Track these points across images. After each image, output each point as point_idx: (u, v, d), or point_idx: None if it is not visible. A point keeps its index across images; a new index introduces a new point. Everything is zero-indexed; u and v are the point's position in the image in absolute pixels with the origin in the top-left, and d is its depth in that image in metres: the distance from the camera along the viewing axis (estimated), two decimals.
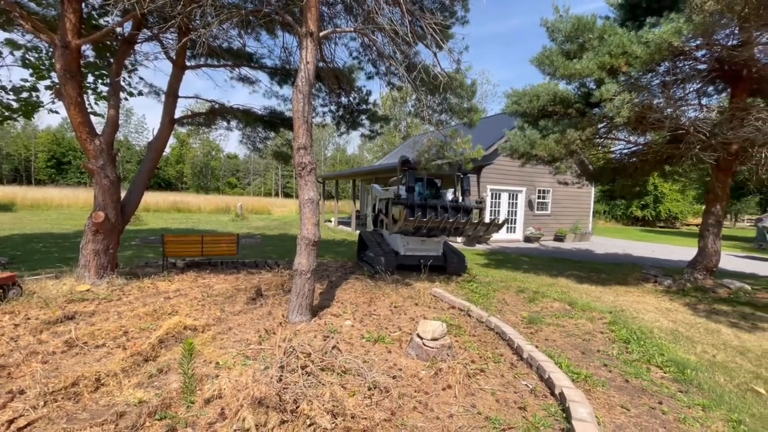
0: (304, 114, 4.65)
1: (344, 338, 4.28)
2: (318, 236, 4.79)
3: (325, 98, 8.58)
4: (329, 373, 3.31)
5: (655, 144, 8.81)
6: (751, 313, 6.47)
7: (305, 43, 4.65)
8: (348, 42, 7.74)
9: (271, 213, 30.57)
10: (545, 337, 4.84)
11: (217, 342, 4.06)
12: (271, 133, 9.22)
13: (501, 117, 18.63)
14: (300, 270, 4.70)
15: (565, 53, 8.12)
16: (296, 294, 4.71)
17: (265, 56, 8.14)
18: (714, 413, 3.14)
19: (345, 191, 51.08)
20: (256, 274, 7.36)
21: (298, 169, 4.76)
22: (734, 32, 6.76)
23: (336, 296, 6.03)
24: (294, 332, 4.33)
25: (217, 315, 4.91)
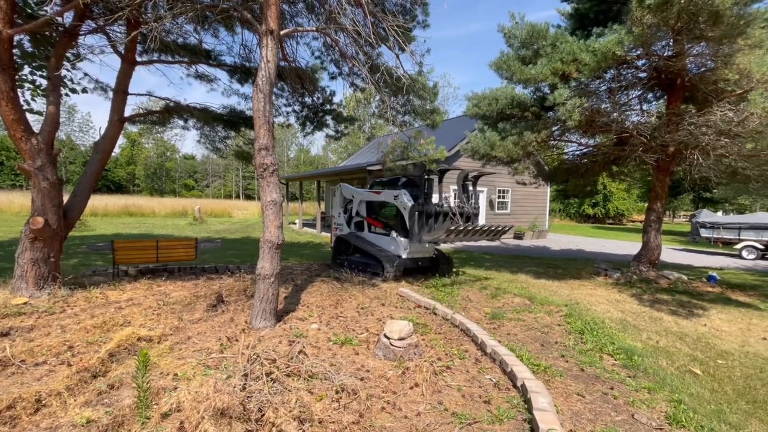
0: (265, 114, 4.53)
1: (311, 342, 4.21)
2: (282, 239, 4.68)
3: (288, 98, 8.41)
4: (295, 378, 3.24)
5: (604, 146, 9.42)
6: (687, 301, 7.08)
7: (265, 42, 4.53)
8: (310, 41, 7.64)
9: (231, 216, 29.51)
10: (507, 332, 5.02)
11: (175, 352, 3.86)
12: (231, 132, 8.90)
13: (462, 119, 19.15)
14: (263, 274, 4.57)
15: (521, 59, 8.49)
16: (260, 299, 4.58)
17: (224, 53, 7.88)
18: (658, 395, 3.40)
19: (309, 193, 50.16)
20: (217, 279, 7.08)
21: (259, 171, 4.63)
22: (669, 44, 7.36)
23: (302, 300, 5.92)
24: (258, 338, 4.20)
25: (175, 324, 4.66)
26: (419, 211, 7.06)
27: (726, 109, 6.79)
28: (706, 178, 8.75)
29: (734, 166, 7.68)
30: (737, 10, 5.67)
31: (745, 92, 6.55)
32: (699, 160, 7.63)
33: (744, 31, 5.96)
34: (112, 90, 6.86)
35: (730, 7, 5.56)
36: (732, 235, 15.04)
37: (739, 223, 15.01)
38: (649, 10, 6.02)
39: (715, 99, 7.30)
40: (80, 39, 6.48)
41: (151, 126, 8.82)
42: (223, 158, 21.43)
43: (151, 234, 15.43)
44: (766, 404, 3.39)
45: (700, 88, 7.80)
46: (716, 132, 6.85)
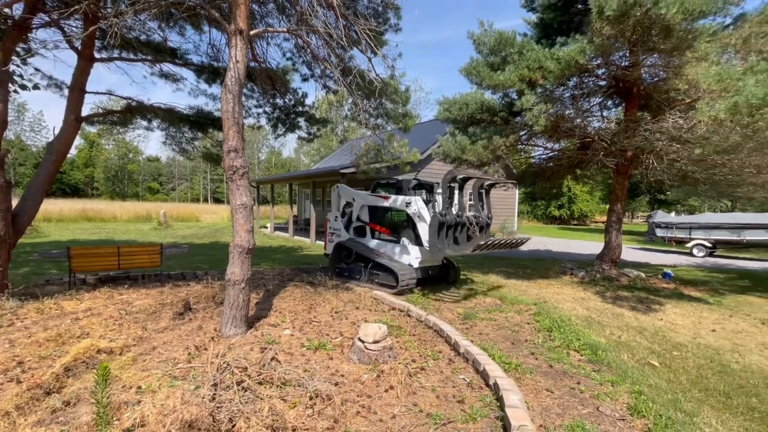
0: (234, 115, 4.42)
1: (283, 348, 4.12)
2: (252, 243, 4.57)
3: (259, 99, 8.23)
4: (268, 386, 3.17)
5: (568, 150, 9.84)
6: (646, 297, 7.49)
7: (235, 41, 4.43)
8: (281, 42, 7.53)
9: (199, 220, 28.50)
10: (479, 332, 5.12)
11: (139, 364, 3.67)
12: (199, 133, 8.60)
13: (434, 123, 19.45)
14: (233, 280, 4.44)
15: (490, 65, 8.73)
16: (229, 305, 4.44)
17: (190, 52, 7.61)
18: (621, 387, 3.57)
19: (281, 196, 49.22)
20: (184, 286, 6.81)
21: (229, 173, 4.50)
22: (626, 55, 7.80)
23: (274, 305, 5.79)
24: (228, 346, 4.07)
25: (138, 334, 4.44)
26: (441, 222, 6.34)
27: (677, 117, 7.27)
28: (661, 181, 9.33)
29: (685, 170, 8.22)
30: (686, 25, 6.09)
31: (694, 101, 7.04)
32: (654, 164, 8.12)
33: (692, 44, 6.40)
34: (68, 87, 6.48)
35: (680, 22, 5.96)
36: (684, 234, 16.08)
37: (689, 223, 16.08)
38: (608, 22, 6.36)
39: (667, 107, 7.80)
40: (32, 33, 6.08)
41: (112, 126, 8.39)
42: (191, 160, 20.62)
43: (112, 240, 14.65)
44: (716, 392, 3.63)
45: (654, 97, 8.31)
46: (669, 138, 7.31)
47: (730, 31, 7.24)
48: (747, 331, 5.65)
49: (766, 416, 3.20)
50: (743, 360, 4.50)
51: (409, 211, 6.81)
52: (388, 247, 7.43)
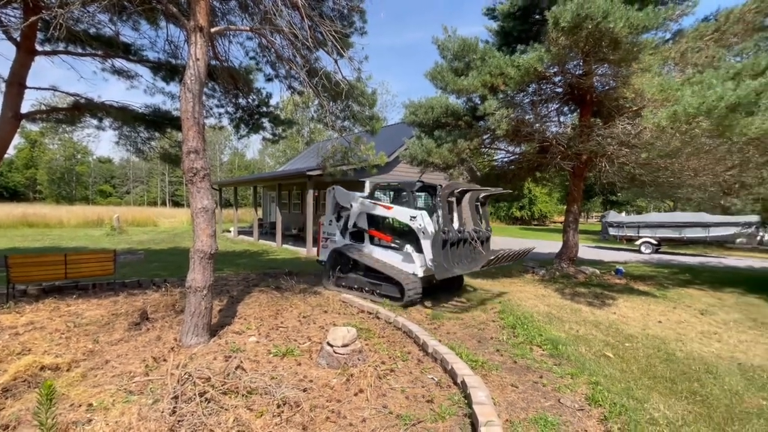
0: (194, 114, 4.25)
1: (249, 356, 3.99)
2: (215, 248, 4.40)
3: (221, 98, 7.95)
4: (233, 396, 3.05)
5: (528, 154, 10.27)
6: (601, 292, 7.94)
7: (194, 38, 4.26)
8: (244, 41, 7.32)
9: (157, 225, 27.06)
10: (447, 331, 5.21)
11: (90, 380, 3.42)
12: (156, 133, 8.18)
13: (401, 126, 19.63)
14: (194, 287, 4.25)
15: (454, 70, 8.96)
16: (191, 313, 4.25)
17: (146, 48, 7.21)
18: (579, 379, 3.75)
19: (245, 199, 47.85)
20: (140, 295, 6.43)
21: (189, 175, 4.31)
22: (580, 64, 8.27)
23: (238, 312, 5.60)
24: (190, 356, 3.89)
25: (89, 348, 4.14)
26: (444, 239, 5.98)
27: (625, 123, 7.79)
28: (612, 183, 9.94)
29: (633, 173, 8.82)
30: (631, 38, 6.55)
31: (640, 109, 7.57)
32: (606, 167, 8.64)
33: (637, 56, 6.89)
34: (5, 81, 5.96)
35: (626, 36, 6.40)
36: (633, 233, 17.24)
37: (638, 223, 17.27)
38: (563, 33, 6.71)
39: (617, 114, 8.34)
40: None
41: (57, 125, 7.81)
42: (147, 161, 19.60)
43: (59, 247, 13.58)
44: (663, 379, 3.91)
45: (606, 104, 8.86)
46: (618, 143, 7.82)
47: (670, 45, 7.88)
48: (688, 321, 6.13)
49: (706, 399, 3.49)
50: (686, 348, 4.87)
51: (414, 225, 6.28)
52: (391, 255, 6.81)
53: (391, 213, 6.74)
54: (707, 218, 15.49)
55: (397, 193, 7.50)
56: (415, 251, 6.50)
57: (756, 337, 5.43)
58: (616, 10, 6.15)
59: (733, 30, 7.57)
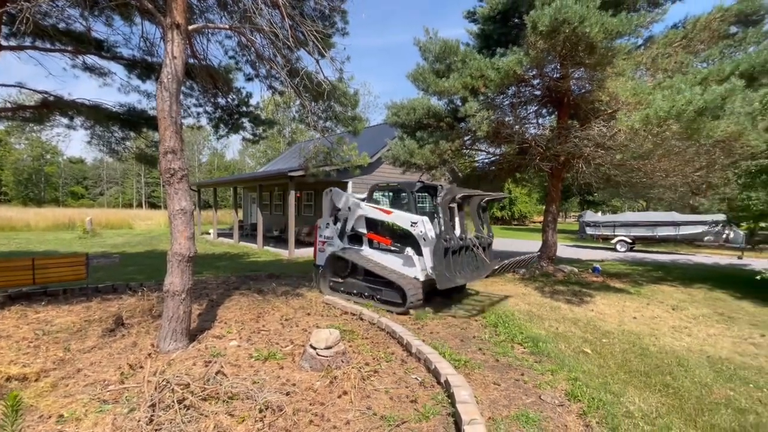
0: (171, 114, 4.13)
1: (230, 361, 3.91)
2: (193, 251, 4.30)
3: (199, 98, 7.77)
4: (214, 402, 2.98)
5: (508, 155, 10.45)
6: (579, 290, 8.15)
7: (171, 36, 4.15)
8: (223, 40, 7.19)
9: (133, 227, 26.21)
10: (430, 331, 5.24)
11: (60, 390, 3.28)
12: (131, 133, 7.92)
13: (383, 127, 19.68)
14: (172, 290, 4.13)
15: (436, 72, 9.04)
16: (168, 318, 4.13)
17: (120, 44, 6.98)
18: (559, 375, 3.84)
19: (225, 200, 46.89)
20: (115, 300, 6.21)
21: (166, 176, 4.20)
22: (557, 67, 8.48)
23: (218, 316, 5.48)
24: (168, 363, 3.78)
25: (60, 356, 3.98)
26: (446, 248, 5.75)
27: (601, 126, 8.03)
28: (589, 184, 10.22)
29: (608, 174, 9.09)
30: (606, 43, 6.76)
31: (614, 112, 7.82)
32: (583, 168, 8.88)
33: (611, 61, 7.12)
34: None
35: (601, 41, 6.60)
36: (609, 232, 17.80)
37: (613, 222, 17.84)
38: (541, 37, 6.87)
39: (593, 116, 8.59)
40: None
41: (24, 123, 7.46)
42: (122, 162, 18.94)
43: (26, 251, 12.97)
44: (638, 373, 4.04)
45: (582, 107, 9.11)
46: (594, 144, 8.06)
47: (642, 51, 8.17)
48: (661, 317, 6.37)
49: (678, 391, 3.63)
50: (659, 342, 5.06)
51: (414, 232, 6.06)
52: (391, 258, 6.54)
53: (391, 218, 6.45)
54: (677, 217, 16.13)
55: (397, 194, 7.25)
56: (416, 254, 6.25)
57: (723, 331, 5.68)
58: (592, 15, 6.34)
59: (699, 37, 7.91)
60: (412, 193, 6.54)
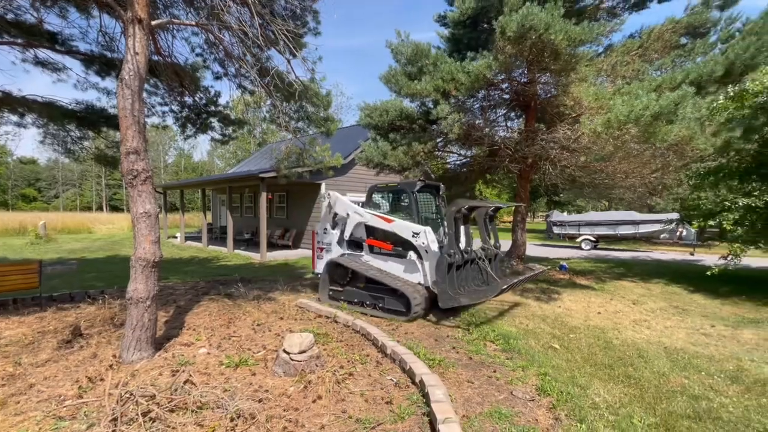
0: (134, 113, 3.95)
1: (199, 369, 3.77)
2: (159, 255, 4.12)
3: (164, 96, 7.46)
4: (182, 412, 2.87)
5: (479, 157, 10.69)
6: (547, 288, 8.44)
7: (132, 31, 3.96)
8: (190, 36, 6.94)
9: (92, 231, 24.80)
10: (405, 331, 5.27)
11: (10, 407, 3.05)
12: (89, 132, 7.50)
13: (356, 128, 19.64)
14: (136, 297, 3.94)
15: (408, 74, 9.11)
16: (132, 327, 3.93)
17: (76, 38, 6.59)
18: (529, 371, 3.96)
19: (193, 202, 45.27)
20: (72, 309, 5.85)
21: (128, 178, 4.00)
22: (524, 72, 8.76)
23: (186, 322, 5.28)
24: (131, 374, 3.60)
25: (9, 371, 3.70)
26: (450, 263, 5.39)
27: (566, 129, 8.36)
28: (555, 185, 10.63)
29: (573, 175, 9.48)
30: (570, 50, 7.05)
31: (578, 116, 8.17)
32: (549, 170, 9.22)
33: (575, 67, 7.43)
34: None
35: (565, 47, 6.88)
36: (574, 231, 18.56)
37: (578, 221, 18.62)
38: (509, 42, 7.07)
39: (558, 120, 8.93)
40: None
41: None
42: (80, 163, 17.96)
43: None
44: (603, 365, 4.23)
45: (548, 111, 9.45)
46: (560, 147, 8.38)
47: (602, 58, 8.58)
48: (623, 311, 6.70)
49: (639, 381, 3.82)
50: (621, 336, 5.32)
51: (416, 243, 5.79)
52: (393, 264, 6.29)
53: (391, 227, 6.08)
54: (637, 216, 17.06)
55: (397, 195, 6.94)
56: (420, 258, 5.98)
57: (678, 323, 6.05)
58: (556, 23, 6.60)
59: (654, 47, 8.41)
60: (413, 193, 6.29)
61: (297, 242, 16.23)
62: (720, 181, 8.84)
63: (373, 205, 6.90)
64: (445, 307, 5.36)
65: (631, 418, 3.08)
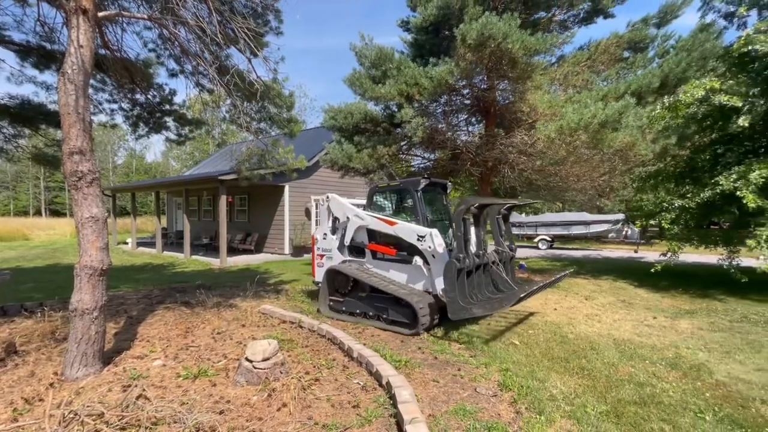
0: (78, 110, 3.67)
1: (154, 383, 3.56)
2: (107, 263, 3.84)
3: (113, 93, 6.99)
4: (134, 430, 2.69)
5: (442, 160, 10.94)
6: None
7: (76, 22, 3.69)
8: (142, 31, 6.56)
9: (29, 238, 22.72)
10: (371, 334, 5.26)
11: None
12: (25, 129, 6.88)
13: (320, 130, 19.44)
14: (81, 309, 3.65)
15: (372, 78, 9.17)
16: (77, 341, 3.64)
17: (9, 27, 6.04)
18: (492, 368, 4.09)
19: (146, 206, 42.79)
20: (5, 324, 5.31)
21: (72, 180, 3.71)
22: (484, 79, 9.10)
23: (139, 333, 4.97)
24: (76, 391, 3.33)
25: None
26: (459, 269, 4.96)
27: (523, 134, 8.76)
28: (514, 187, 11.08)
29: (530, 178, 9.95)
30: (526, 59, 7.41)
31: (534, 122, 8.59)
32: (508, 173, 9.60)
33: (531, 75, 7.82)
34: None
35: (522, 56, 7.22)
36: (532, 231, 19.45)
37: (535, 222, 19.54)
38: (470, 49, 7.31)
39: (516, 126, 9.33)
40: None
41: None
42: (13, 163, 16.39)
43: None
44: (559, 359, 4.45)
45: (507, 116, 9.86)
46: (518, 151, 8.76)
47: (555, 68, 9.09)
48: (577, 307, 7.09)
49: (591, 372, 4.06)
50: (575, 330, 5.62)
51: (422, 247, 5.36)
52: (397, 269, 5.88)
53: (394, 230, 5.67)
54: (587, 217, 18.17)
55: (401, 195, 6.50)
56: (426, 264, 5.57)
57: (625, 316, 6.49)
58: (514, 33, 6.91)
59: (600, 59, 9.03)
60: (417, 192, 5.81)
61: (260, 246, 15.76)
62: (659, 184, 9.64)
63: (376, 207, 6.47)
64: (455, 318, 4.87)
65: (585, 408, 3.27)
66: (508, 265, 6.16)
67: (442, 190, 6.68)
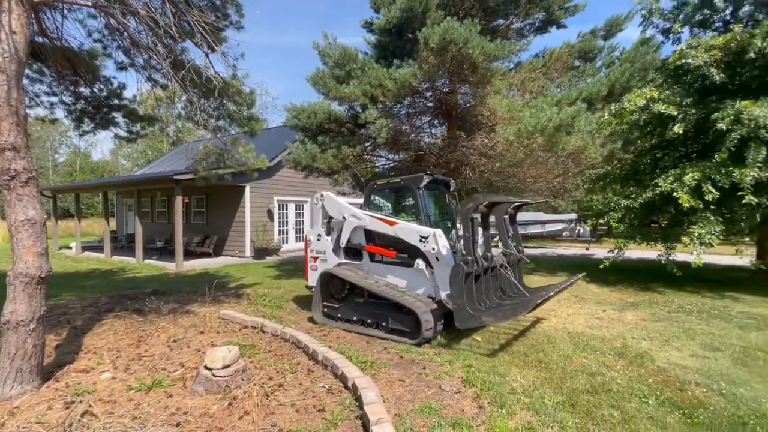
0: (10, 102, 3.35)
1: (101, 397, 3.31)
2: (46, 270, 3.53)
3: (53, 85, 6.43)
4: None
5: (406, 161, 11.05)
6: None
7: (8, 6, 3.37)
8: (86, 19, 6.09)
9: None
10: (337, 336, 5.21)
11: None
12: None
13: (283, 129, 19.00)
14: (15, 320, 3.33)
15: (336, 77, 9.10)
16: (10, 356, 3.31)
17: None
18: (456, 365, 4.18)
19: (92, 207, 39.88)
20: None
21: (4, 179, 3.38)
22: (446, 82, 9.30)
23: (85, 345, 4.61)
24: (10, 412, 3.03)
25: None
26: (467, 273, 4.59)
27: (483, 137, 9.05)
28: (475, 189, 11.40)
29: (490, 180, 10.28)
30: (486, 64, 7.66)
31: (494, 125, 8.90)
32: (470, 175, 9.88)
33: (490, 80, 8.09)
34: None
35: (482, 61, 7.46)
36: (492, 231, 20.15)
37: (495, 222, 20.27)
38: (432, 53, 7.45)
39: (476, 128, 9.62)
40: None
41: None
42: None
43: None
44: (519, 353, 4.63)
45: (468, 119, 10.14)
46: (478, 153, 9.04)
47: (513, 74, 9.48)
48: None
49: (548, 365, 4.26)
50: (533, 325, 5.88)
51: (424, 249, 5.01)
52: (398, 273, 5.53)
53: (394, 230, 5.29)
54: (543, 217, 19.11)
55: (401, 193, 6.15)
56: (429, 267, 5.19)
57: (578, 310, 6.88)
58: (474, 38, 7.12)
59: (554, 66, 9.52)
60: (418, 190, 5.44)
61: (219, 249, 15.14)
62: (607, 186, 10.32)
63: (374, 206, 6.06)
64: (463, 327, 4.55)
65: (543, 399, 3.42)
66: (517, 269, 5.90)
67: (444, 188, 6.37)
